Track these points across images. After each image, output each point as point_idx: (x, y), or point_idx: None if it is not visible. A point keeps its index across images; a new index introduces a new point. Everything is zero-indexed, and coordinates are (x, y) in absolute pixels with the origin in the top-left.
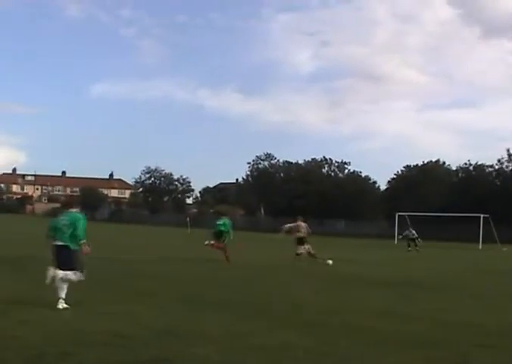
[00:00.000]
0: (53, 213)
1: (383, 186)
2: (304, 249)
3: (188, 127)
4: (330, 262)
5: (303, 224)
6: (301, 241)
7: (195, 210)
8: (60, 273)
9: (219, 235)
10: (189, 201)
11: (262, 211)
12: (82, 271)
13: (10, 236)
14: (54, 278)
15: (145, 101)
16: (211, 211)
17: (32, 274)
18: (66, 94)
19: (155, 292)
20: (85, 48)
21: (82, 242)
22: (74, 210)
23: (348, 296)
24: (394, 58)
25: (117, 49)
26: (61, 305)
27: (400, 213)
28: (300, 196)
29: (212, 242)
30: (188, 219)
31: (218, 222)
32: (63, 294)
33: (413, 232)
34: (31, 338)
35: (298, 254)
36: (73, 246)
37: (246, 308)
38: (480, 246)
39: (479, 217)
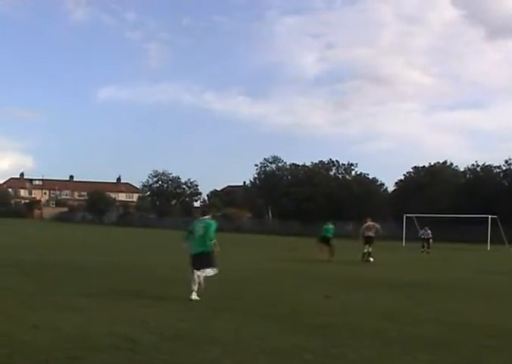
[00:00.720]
0: (60, 217)
1: (391, 188)
2: (367, 248)
3: (194, 130)
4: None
5: (372, 224)
6: (368, 240)
7: None
8: (199, 272)
9: (326, 240)
10: (197, 204)
11: (269, 213)
12: (215, 267)
13: (18, 240)
14: (199, 280)
15: (152, 104)
16: (218, 214)
17: (41, 278)
18: (73, 98)
19: (164, 296)
20: (92, 52)
21: (213, 242)
22: (207, 217)
23: (355, 298)
24: (400, 60)
25: (123, 53)
26: (194, 296)
27: (408, 214)
28: (307, 198)
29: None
30: None
31: (326, 228)
32: (195, 287)
33: (429, 232)
34: (39, 343)
35: (366, 253)
36: (207, 249)
37: (254, 311)
38: (488, 247)
39: (487, 218)
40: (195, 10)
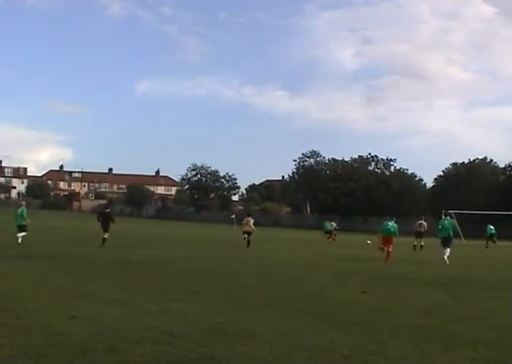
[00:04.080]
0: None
1: (429, 184)
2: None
3: (233, 123)
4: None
5: (424, 223)
6: (419, 234)
7: (240, 207)
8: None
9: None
10: (235, 198)
11: (308, 208)
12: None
13: (58, 232)
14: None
15: (190, 98)
16: (256, 208)
17: (79, 270)
18: (111, 92)
19: (203, 290)
20: (129, 47)
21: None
22: (447, 218)
23: (394, 294)
24: (438, 56)
25: (160, 47)
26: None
27: (447, 210)
28: (346, 193)
29: None
30: (233, 216)
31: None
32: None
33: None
34: (77, 334)
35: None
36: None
37: (292, 307)
38: None
39: None
40: (231, 5)
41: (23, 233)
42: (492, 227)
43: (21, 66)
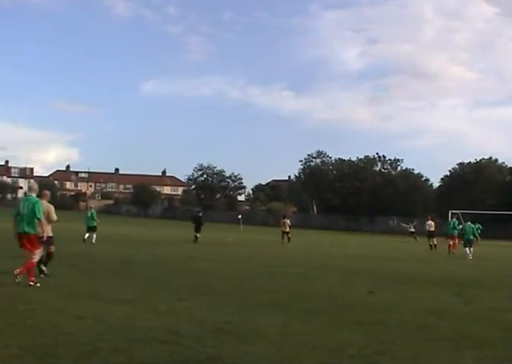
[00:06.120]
0: (105, 210)
1: (436, 184)
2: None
3: (239, 124)
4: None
5: (432, 223)
6: (431, 234)
7: (247, 207)
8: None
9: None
10: (241, 198)
11: (314, 208)
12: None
13: (64, 232)
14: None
15: (196, 98)
16: (263, 208)
17: (86, 270)
18: (117, 92)
19: (210, 290)
20: (134, 47)
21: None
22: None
23: (401, 294)
24: (442, 55)
25: (165, 47)
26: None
27: (453, 211)
28: (353, 193)
29: None
30: (240, 216)
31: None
32: None
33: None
34: (84, 334)
35: (433, 245)
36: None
37: (299, 306)
38: None
39: None
40: (236, 5)
41: (94, 234)
42: None
43: (27, 66)
